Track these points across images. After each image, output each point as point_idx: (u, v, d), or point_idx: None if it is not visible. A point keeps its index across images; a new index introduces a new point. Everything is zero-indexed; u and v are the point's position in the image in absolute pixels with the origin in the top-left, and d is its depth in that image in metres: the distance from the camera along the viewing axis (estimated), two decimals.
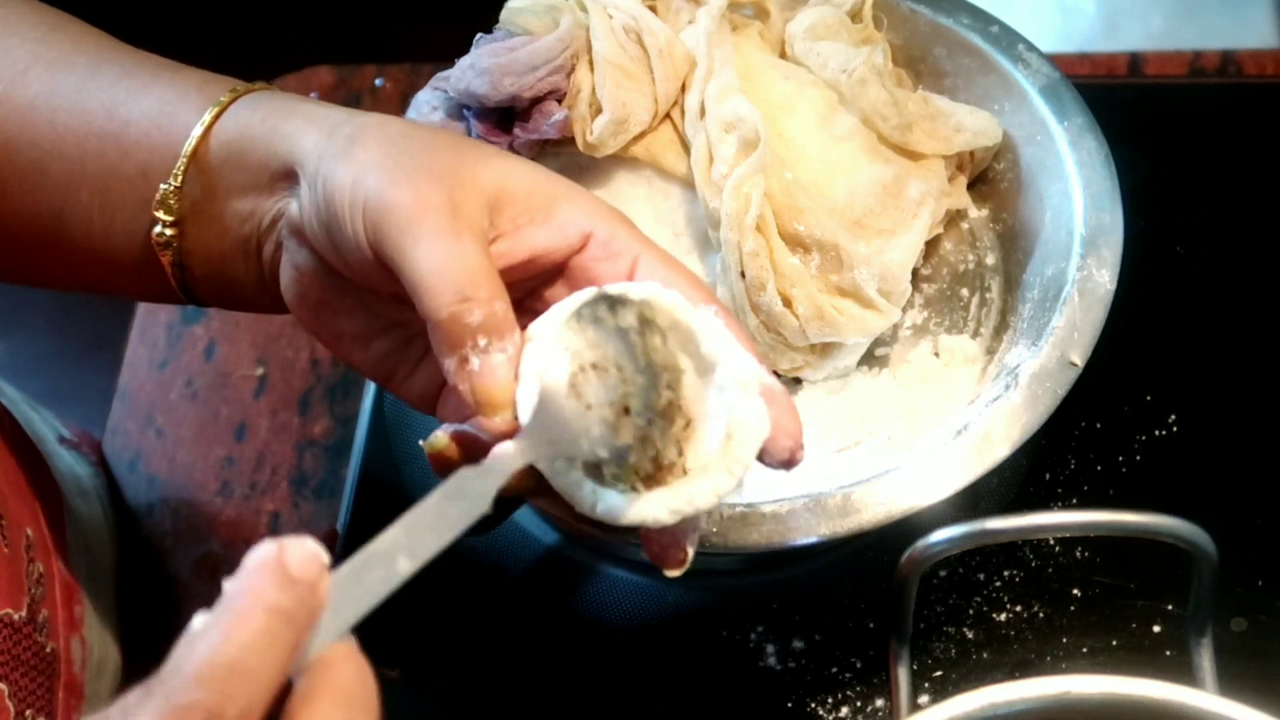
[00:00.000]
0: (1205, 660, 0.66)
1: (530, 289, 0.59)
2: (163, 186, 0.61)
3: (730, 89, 0.74)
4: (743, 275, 0.72)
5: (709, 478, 0.52)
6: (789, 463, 0.54)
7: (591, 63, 0.74)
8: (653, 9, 0.77)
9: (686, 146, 0.75)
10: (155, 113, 0.62)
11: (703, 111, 0.74)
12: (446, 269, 0.52)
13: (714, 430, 0.53)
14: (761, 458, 0.54)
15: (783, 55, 0.79)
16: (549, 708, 0.78)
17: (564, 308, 0.53)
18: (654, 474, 0.52)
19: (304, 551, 0.43)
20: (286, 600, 0.42)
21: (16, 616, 0.68)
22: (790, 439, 0.53)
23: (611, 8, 0.75)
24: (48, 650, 0.71)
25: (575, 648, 0.79)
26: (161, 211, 0.61)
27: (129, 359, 0.94)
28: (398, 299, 0.57)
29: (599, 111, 0.73)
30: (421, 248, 0.53)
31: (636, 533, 0.54)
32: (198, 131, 0.61)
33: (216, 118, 0.61)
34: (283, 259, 0.61)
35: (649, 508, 0.52)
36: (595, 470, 0.52)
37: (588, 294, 0.53)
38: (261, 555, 0.43)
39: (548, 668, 0.79)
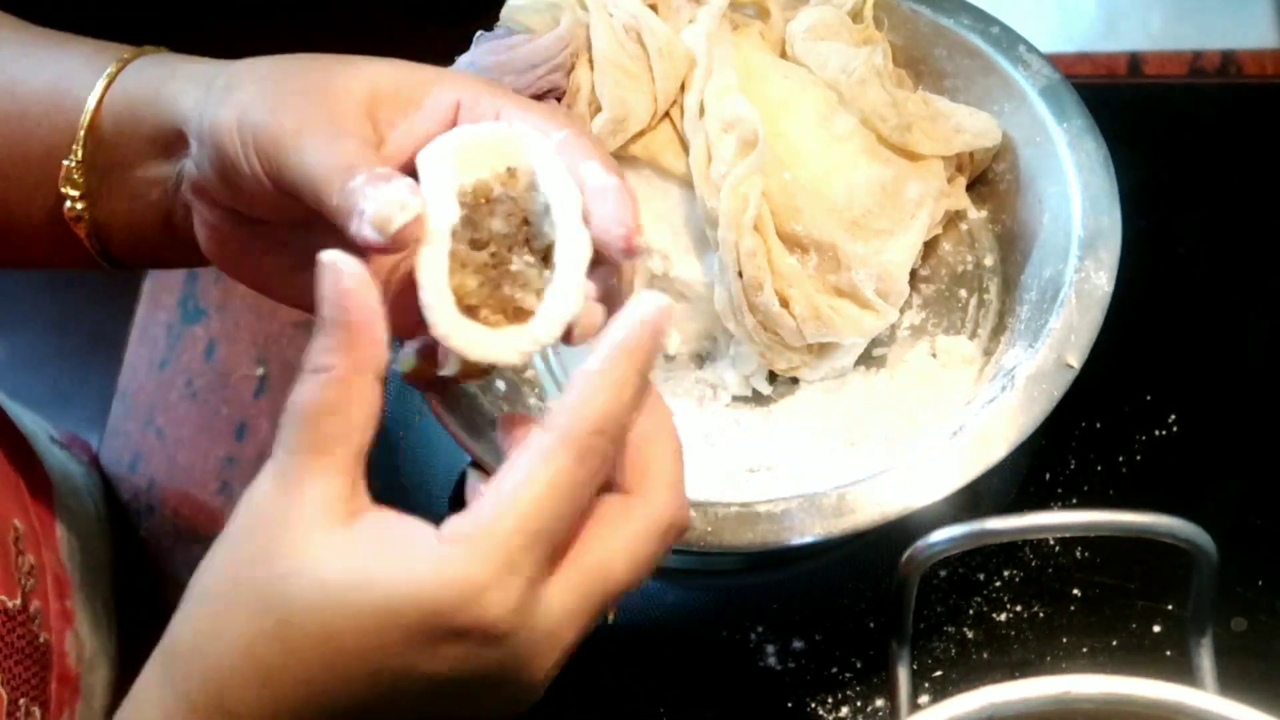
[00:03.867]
0: (1205, 660, 0.66)
1: None
2: (65, 163, 0.62)
3: (729, 88, 0.74)
4: (740, 275, 0.72)
5: (529, 326, 0.54)
6: (628, 251, 0.53)
7: (591, 61, 0.74)
8: (653, 8, 0.77)
9: (685, 146, 0.75)
10: (51, 89, 0.63)
11: (702, 111, 0.74)
12: (334, 165, 0.54)
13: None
14: (606, 251, 0.54)
15: (783, 55, 0.79)
16: (548, 707, 0.78)
17: (443, 143, 0.55)
18: (516, 316, 0.54)
19: (669, 315, 0.51)
20: (651, 364, 0.51)
21: (10, 604, 0.69)
22: (621, 227, 0.53)
23: (612, 6, 0.75)
24: (41, 640, 0.71)
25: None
26: (68, 187, 0.63)
27: (129, 359, 0.94)
28: (311, 227, 0.59)
29: (598, 110, 0.73)
30: (309, 159, 0.54)
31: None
32: (91, 105, 0.62)
33: (106, 89, 0.62)
34: (194, 219, 0.62)
35: (494, 343, 0.53)
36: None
37: (460, 132, 0.55)
38: (653, 320, 0.50)
39: None
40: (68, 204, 0.63)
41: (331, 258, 0.50)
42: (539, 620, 0.49)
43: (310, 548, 0.49)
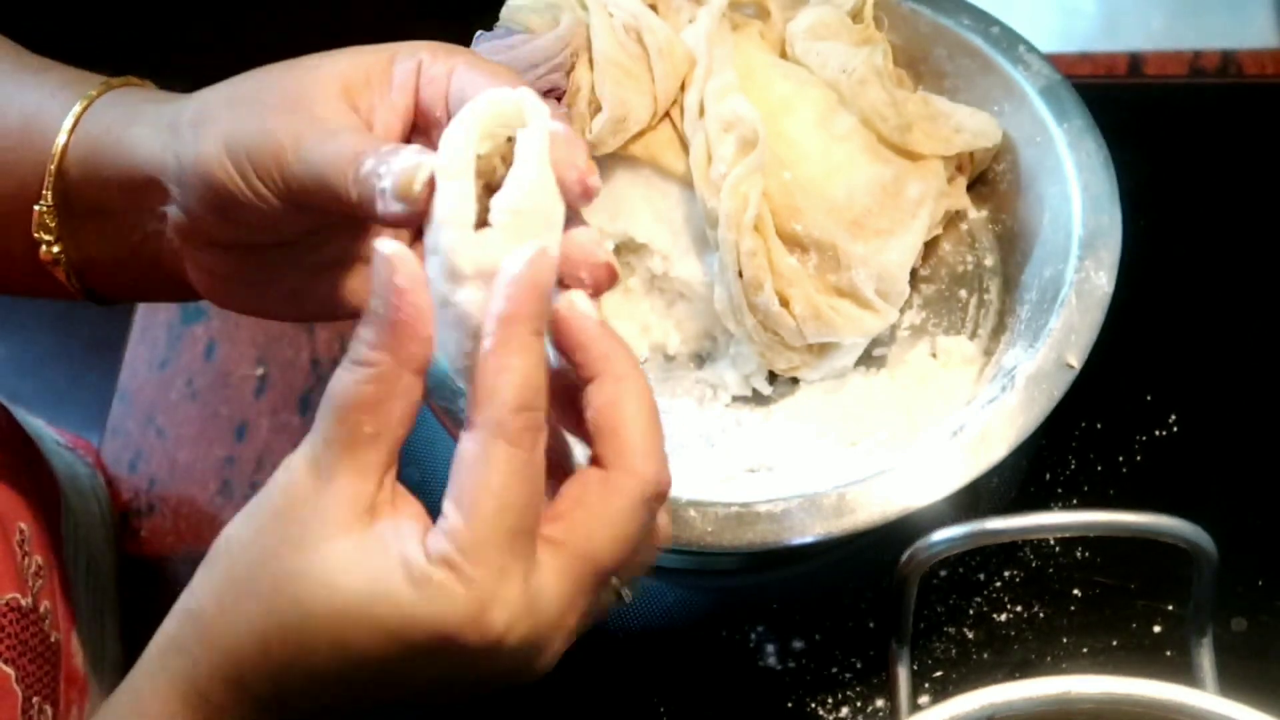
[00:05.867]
0: (1205, 660, 0.66)
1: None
2: (36, 208, 0.61)
3: (730, 88, 0.74)
4: (740, 275, 0.72)
5: None
6: (585, 192, 0.52)
7: (591, 61, 0.74)
8: (653, 7, 0.77)
9: (685, 145, 0.75)
10: (22, 125, 0.61)
11: (702, 110, 0.74)
12: (341, 158, 0.53)
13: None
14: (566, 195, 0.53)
15: (783, 55, 0.79)
16: (549, 707, 0.78)
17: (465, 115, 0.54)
18: None
19: (546, 261, 0.49)
20: (542, 317, 0.49)
21: (24, 602, 0.69)
22: (574, 169, 0.52)
23: (612, 6, 0.75)
24: (52, 640, 0.71)
25: (575, 647, 0.79)
26: (41, 232, 0.61)
27: (129, 359, 0.94)
28: (317, 240, 0.59)
29: (598, 110, 0.73)
30: (314, 160, 0.53)
31: None
32: (57, 149, 0.60)
33: (72, 131, 0.60)
34: (186, 265, 0.60)
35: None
36: None
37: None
38: (519, 277, 0.49)
39: None
40: (43, 248, 0.61)
41: (389, 250, 0.49)
42: (539, 614, 0.50)
43: (330, 552, 0.49)
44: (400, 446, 0.51)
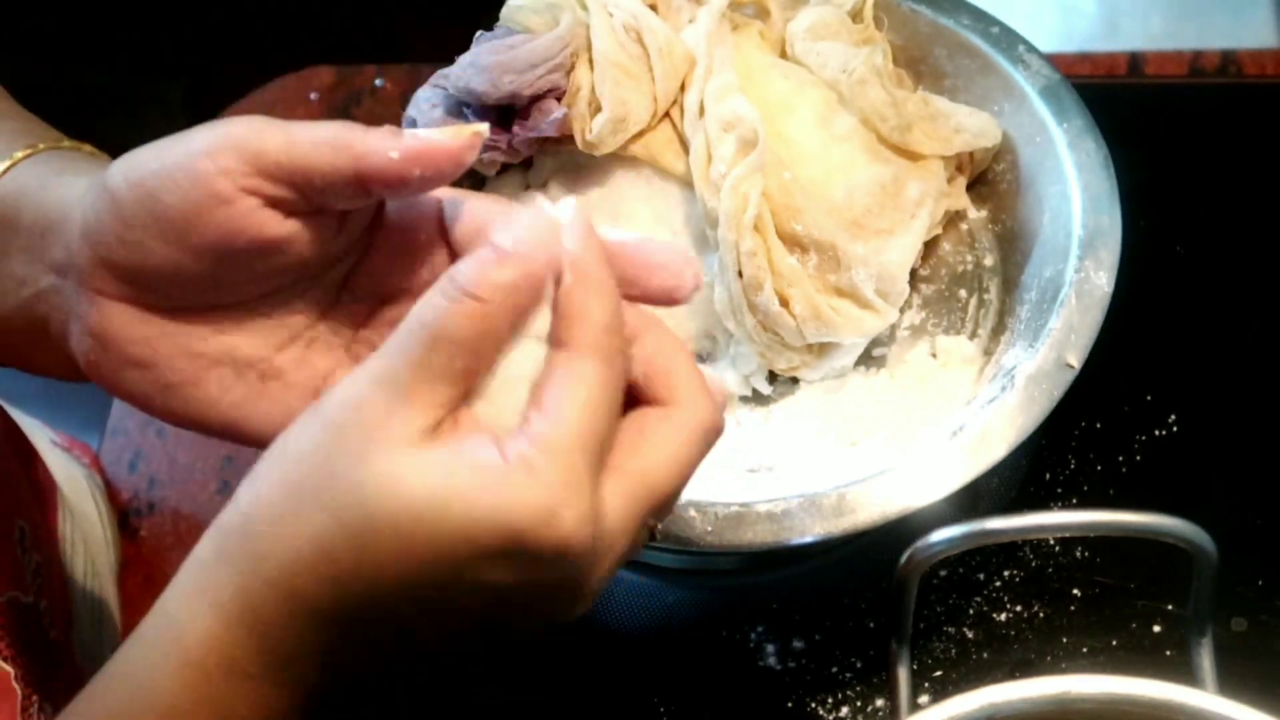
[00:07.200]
0: (1205, 660, 0.66)
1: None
2: None
3: (730, 88, 0.74)
4: (740, 275, 0.72)
5: None
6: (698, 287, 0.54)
7: (591, 61, 0.74)
8: (653, 8, 0.77)
9: (685, 145, 0.75)
10: None
11: (702, 110, 0.74)
12: (353, 131, 0.53)
13: None
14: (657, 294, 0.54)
15: (783, 55, 0.79)
16: (549, 707, 0.78)
17: None
18: None
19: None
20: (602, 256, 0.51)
21: (24, 600, 0.69)
22: (678, 268, 0.54)
23: (612, 6, 0.75)
24: (51, 638, 0.71)
25: (575, 647, 0.79)
26: None
27: None
28: (242, 310, 0.56)
29: (598, 110, 0.73)
30: (304, 139, 0.52)
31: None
32: None
33: (2, 175, 0.58)
34: (73, 329, 0.56)
35: None
36: None
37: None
38: (573, 221, 0.50)
39: (547, 667, 0.79)
40: None
41: (564, 205, 0.50)
42: (601, 529, 0.50)
43: (395, 461, 0.48)
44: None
